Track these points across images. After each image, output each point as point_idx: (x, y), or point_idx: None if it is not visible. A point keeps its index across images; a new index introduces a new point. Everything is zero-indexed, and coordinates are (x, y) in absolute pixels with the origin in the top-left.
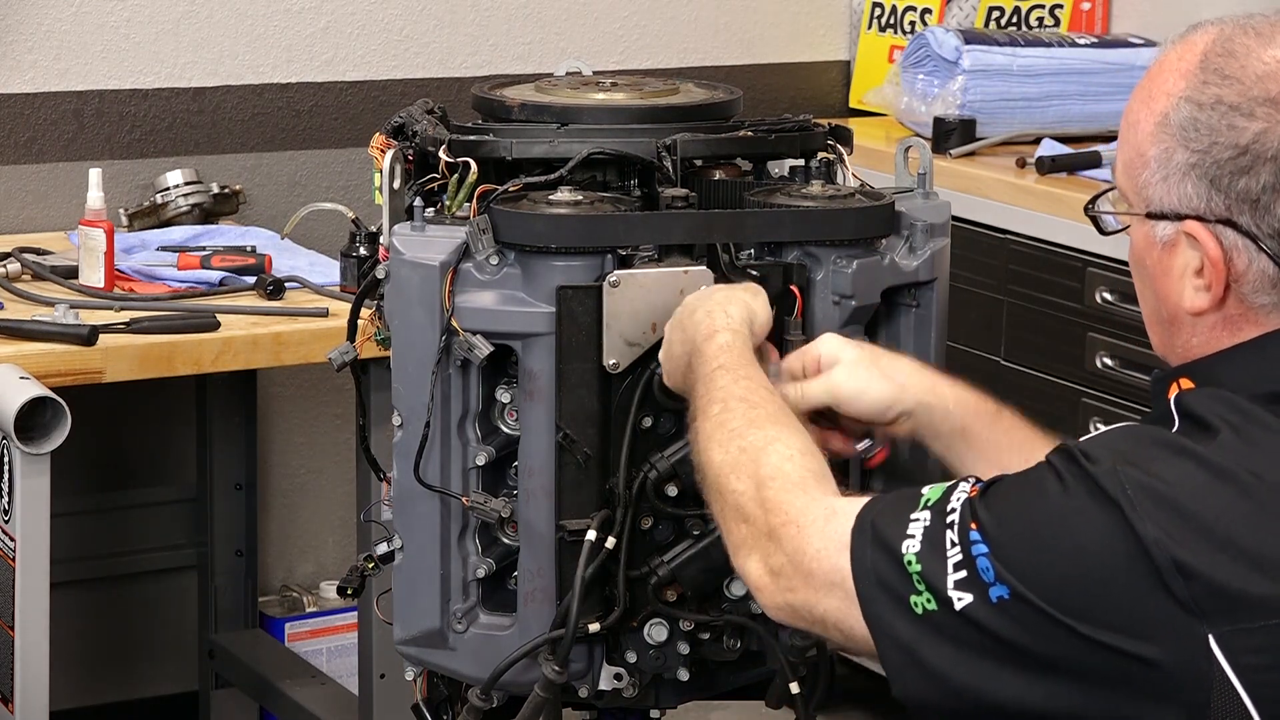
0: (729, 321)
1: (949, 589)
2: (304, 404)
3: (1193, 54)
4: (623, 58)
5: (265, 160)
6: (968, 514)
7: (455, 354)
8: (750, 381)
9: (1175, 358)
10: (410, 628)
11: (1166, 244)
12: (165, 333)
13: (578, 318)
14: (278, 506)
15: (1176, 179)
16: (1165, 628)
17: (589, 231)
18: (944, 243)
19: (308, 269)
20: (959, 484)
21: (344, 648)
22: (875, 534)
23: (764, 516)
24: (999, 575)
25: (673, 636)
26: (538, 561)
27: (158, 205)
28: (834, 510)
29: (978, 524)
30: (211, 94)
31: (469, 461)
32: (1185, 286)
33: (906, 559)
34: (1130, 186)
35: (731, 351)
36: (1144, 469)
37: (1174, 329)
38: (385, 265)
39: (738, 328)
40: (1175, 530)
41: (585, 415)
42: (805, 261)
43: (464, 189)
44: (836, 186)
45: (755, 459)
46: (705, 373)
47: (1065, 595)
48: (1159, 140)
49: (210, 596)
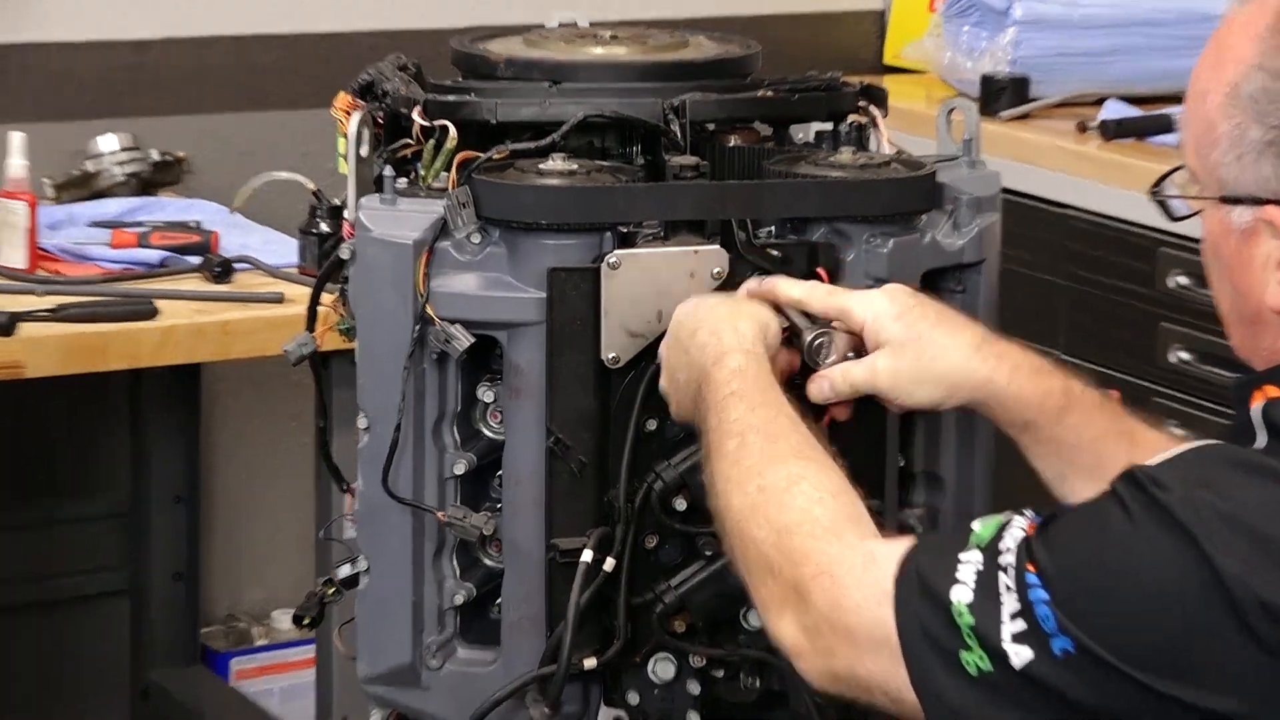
0: (740, 340)
1: (1005, 642)
2: (255, 403)
3: (1264, 15)
4: (624, 7)
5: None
6: (1024, 555)
7: (431, 346)
8: (769, 409)
9: (1260, 360)
10: (377, 664)
11: (1244, 232)
12: (96, 321)
13: (572, 304)
14: (223, 522)
15: (1252, 158)
16: (1249, 678)
17: (585, 205)
18: (993, 219)
19: (261, 248)
20: (1013, 519)
21: (300, 687)
22: (921, 580)
23: (792, 568)
24: (1061, 625)
25: (681, 674)
26: (525, 586)
27: (88, 175)
28: (872, 556)
29: (1035, 566)
30: (152, 47)
31: (446, 470)
32: (1269, 280)
33: (956, 610)
34: (1200, 166)
35: (745, 376)
36: (1222, 494)
37: (1257, 329)
38: (350, 244)
39: (750, 347)
40: (1260, 565)
41: (580, 417)
42: (834, 240)
43: (441, 157)
44: (869, 154)
45: (778, 501)
46: (717, 401)
47: (1136, 645)
48: (1230, 114)
49: (145, 627)
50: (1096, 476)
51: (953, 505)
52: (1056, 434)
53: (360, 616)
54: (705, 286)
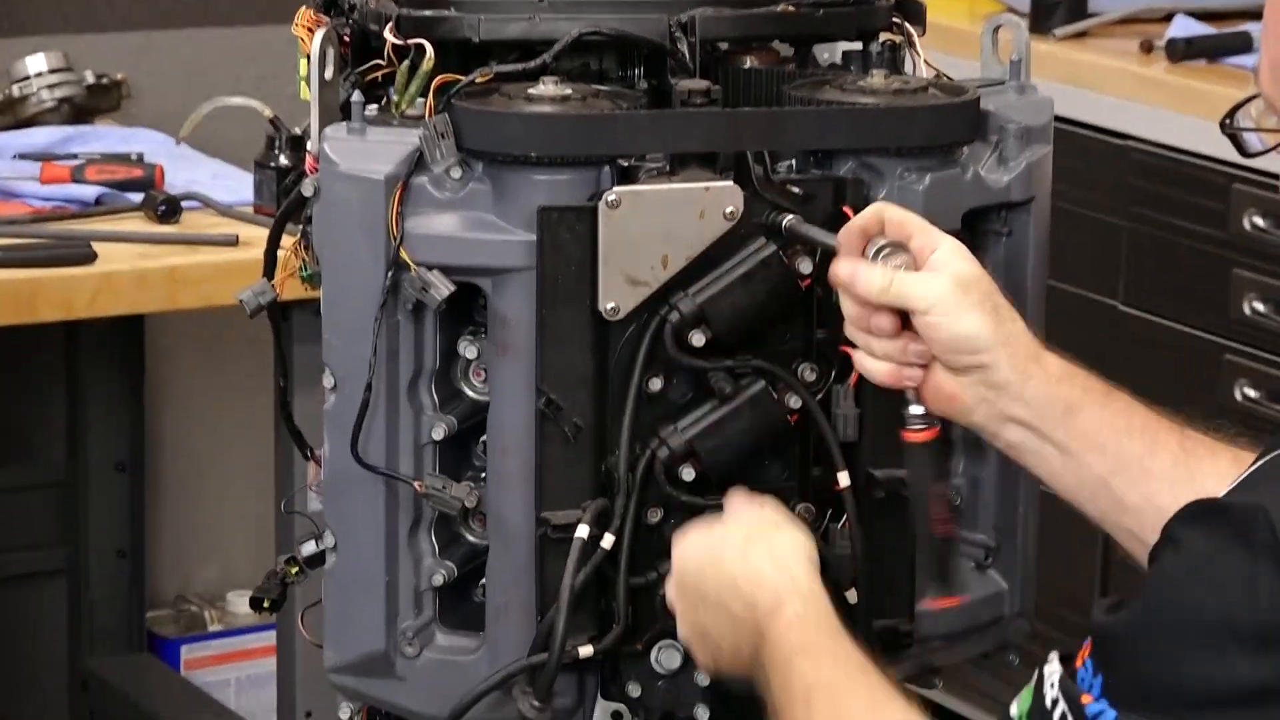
0: (794, 583)
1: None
2: (206, 360)
3: None
4: None
5: (156, 41)
6: (1072, 691)
7: (405, 295)
8: (837, 665)
9: None
10: (346, 651)
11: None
12: (24, 266)
13: (565, 248)
14: (172, 494)
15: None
16: None
17: (580, 136)
18: (1044, 151)
19: (211, 183)
20: (1041, 670)
21: (258, 677)
22: None
23: None
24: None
25: (688, 663)
26: (512, 566)
27: (14, 99)
28: None
29: (1090, 694)
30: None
31: (423, 435)
32: None
33: None
34: (1278, 95)
35: (807, 624)
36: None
37: None
38: (314, 179)
39: (807, 589)
40: None
41: (575, 376)
42: (863, 176)
43: (417, 80)
44: (904, 78)
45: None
46: (780, 661)
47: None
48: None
49: (84, 611)
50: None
51: (996, 474)
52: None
53: (327, 599)
54: (716, 227)
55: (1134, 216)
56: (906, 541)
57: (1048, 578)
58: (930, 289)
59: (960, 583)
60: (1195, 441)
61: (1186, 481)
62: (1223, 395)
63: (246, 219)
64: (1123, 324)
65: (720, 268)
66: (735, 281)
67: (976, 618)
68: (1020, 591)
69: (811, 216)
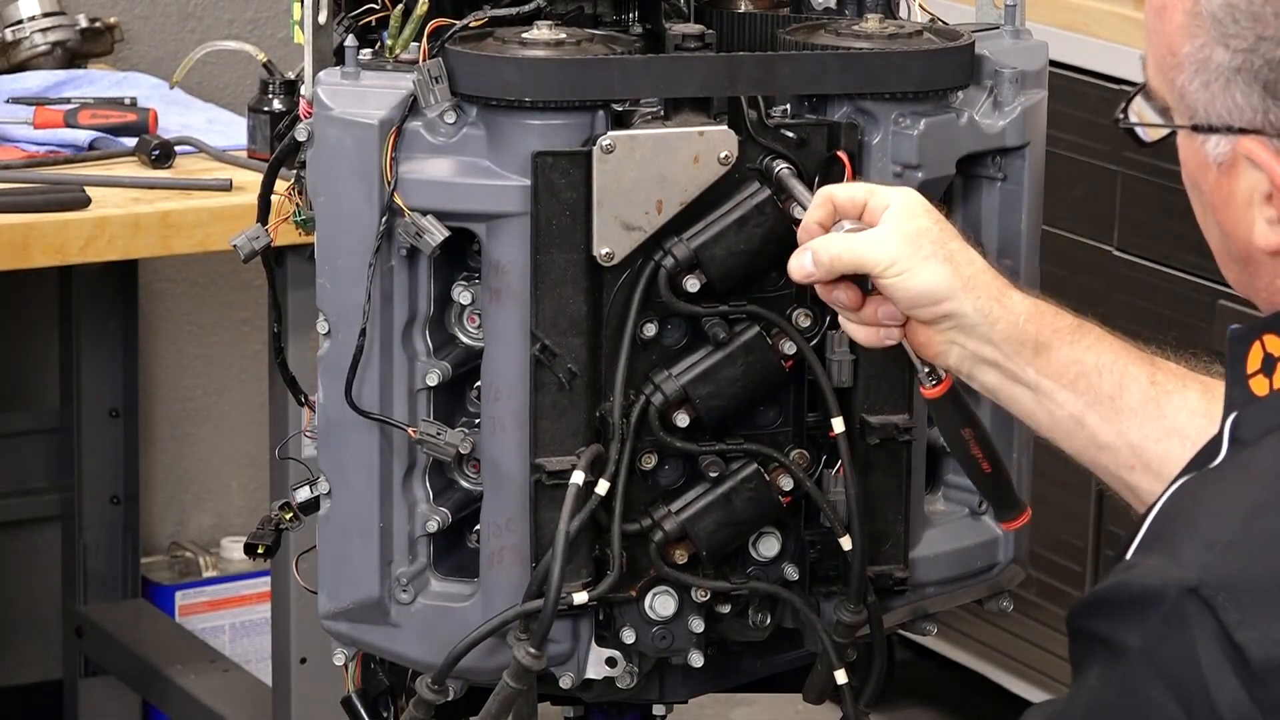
0: None
1: None
2: (200, 306)
3: None
4: None
5: None
6: None
7: (399, 240)
8: None
9: (1262, 301)
10: (340, 598)
11: (1223, 165)
12: (18, 211)
13: (560, 193)
14: (166, 440)
15: (1220, 85)
16: None
17: (574, 80)
18: (1039, 96)
19: (205, 128)
20: None
21: (253, 624)
22: None
23: None
24: None
25: (683, 610)
26: (507, 512)
27: (7, 44)
28: None
29: None
30: None
31: (417, 381)
32: (1255, 218)
33: None
34: (1166, 90)
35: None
36: None
37: (1250, 268)
38: (307, 124)
39: None
40: None
41: (569, 321)
42: (857, 120)
43: (411, 24)
44: (898, 22)
45: None
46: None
47: None
48: (1192, 35)
49: (78, 557)
50: None
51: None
52: None
53: (321, 545)
54: (710, 172)
55: (1128, 162)
56: (901, 487)
57: (1041, 523)
58: (880, 250)
59: (1022, 500)
60: (1167, 373)
61: (1157, 418)
62: (1217, 340)
63: (240, 164)
64: (1116, 270)
65: (714, 213)
66: (729, 226)
67: (970, 564)
68: (1014, 538)
69: (806, 161)
